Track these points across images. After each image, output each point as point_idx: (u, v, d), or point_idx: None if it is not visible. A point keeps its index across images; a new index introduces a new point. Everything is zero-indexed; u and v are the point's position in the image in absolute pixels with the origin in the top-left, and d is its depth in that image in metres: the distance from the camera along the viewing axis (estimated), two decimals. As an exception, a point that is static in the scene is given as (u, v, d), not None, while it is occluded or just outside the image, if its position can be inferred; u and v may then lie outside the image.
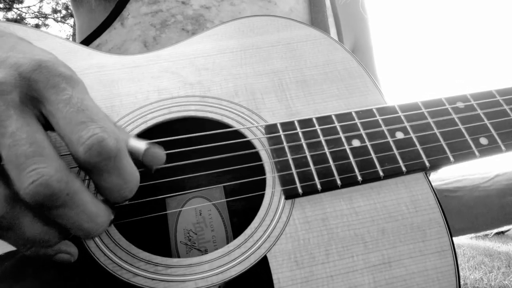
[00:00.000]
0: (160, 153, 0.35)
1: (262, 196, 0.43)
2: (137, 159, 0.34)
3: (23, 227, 0.29)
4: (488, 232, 0.73)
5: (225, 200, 0.53)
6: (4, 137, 0.27)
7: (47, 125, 0.31)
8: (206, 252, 0.50)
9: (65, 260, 0.35)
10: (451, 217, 0.43)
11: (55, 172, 0.27)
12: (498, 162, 0.49)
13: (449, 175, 0.75)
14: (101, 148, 0.28)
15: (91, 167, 0.29)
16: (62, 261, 0.35)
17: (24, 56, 0.30)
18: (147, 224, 0.49)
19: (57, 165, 0.28)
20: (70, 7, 0.82)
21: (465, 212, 0.67)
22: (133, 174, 0.32)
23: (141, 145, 0.34)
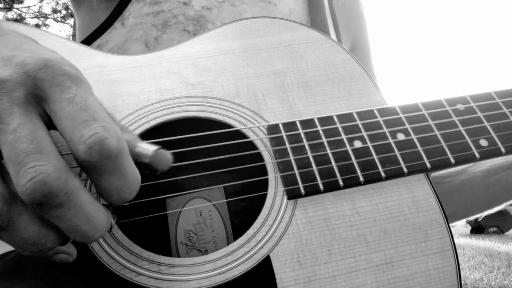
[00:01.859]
0: (168, 156, 0.35)
1: (263, 196, 0.44)
2: (145, 163, 0.34)
3: (18, 228, 0.29)
4: (479, 215, 0.73)
5: (225, 200, 0.53)
6: (5, 133, 0.27)
7: (50, 124, 0.30)
8: (206, 252, 0.50)
9: (63, 260, 0.34)
10: (443, 203, 0.44)
11: (53, 170, 0.27)
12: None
13: None
14: (102, 147, 0.28)
15: (91, 167, 0.29)
16: (60, 261, 0.34)
17: (30, 55, 0.30)
18: (147, 224, 0.49)
19: (57, 163, 0.27)
20: (70, 6, 0.82)
21: (455, 196, 0.68)
22: (134, 175, 0.31)
23: (149, 147, 0.34)
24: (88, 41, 0.66)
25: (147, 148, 0.34)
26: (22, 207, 0.29)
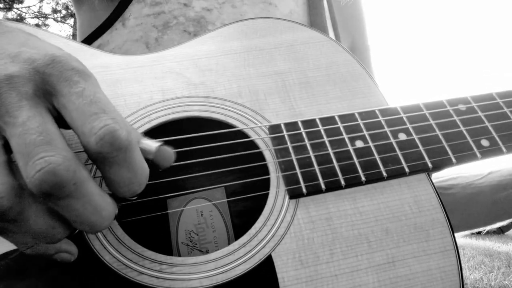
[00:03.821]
0: (171, 153, 0.35)
1: (264, 197, 0.44)
2: (147, 158, 0.34)
3: (29, 220, 0.29)
4: (481, 229, 0.73)
5: (226, 200, 0.53)
6: (14, 126, 0.28)
7: (59, 119, 0.31)
8: (207, 253, 0.50)
9: (65, 259, 0.35)
10: None
11: (63, 161, 0.27)
12: (493, 160, 0.49)
13: (443, 172, 0.75)
14: (113, 138, 0.28)
15: (102, 158, 0.29)
16: (62, 260, 0.34)
17: (37, 52, 0.31)
18: (148, 224, 0.49)
19: (66, 154, 0.28)
20: (71, 6, 0.82)
21: (458, 209, 0.68)
22: (143, 168, 0.32)
23: (152, 144, 0.34)
24: (89, 40, 0.66)
25: (151, 144, 0.34)
26: (32, 200, 0.29)
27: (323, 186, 0.42)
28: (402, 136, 0.46)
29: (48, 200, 0.28)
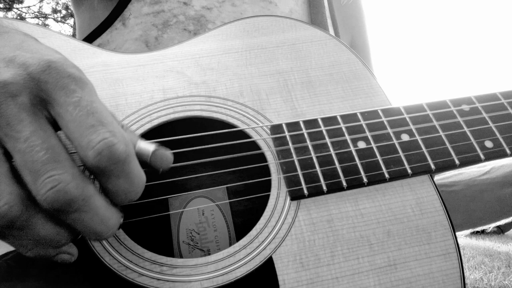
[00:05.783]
0: (168, 155, 0.35)
1: (266, 196, 0.43)
2: (145, 161, 0.34)
3: (35, 227, 0.29)
4: (486, 227, 0.73)
5: (228, 201, 0.53)
6: (18, 142, 0.27)
7: (55, 126, 0.30)
8: (208, 252, 0.50)
9: (65, 260, 0.35)
10: (449, 214, 0.43)
11: (72, 179, 0.27)
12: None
13: None
14: (111, 153, 0.28)
15: (100, 171, 0.29)
16: (62, 261, 0.34)
17: (32, 56, 0.30)
18: (149, 223, 0.49)
19: (73, 171, 0.28)
20: (71, 6, 0.82)
21: (462, 207, 0.67)
22: (140, 177, 0.32)
23: (149, 147, 0.34)
24: (89, 40, 0.66)
25: (147, 148, 0.34)
26: (38, 208, 0.29)
27: (324, 188, 0.42)
28: (405, 137, 0.46)
29: (58, 214, 0.29)
